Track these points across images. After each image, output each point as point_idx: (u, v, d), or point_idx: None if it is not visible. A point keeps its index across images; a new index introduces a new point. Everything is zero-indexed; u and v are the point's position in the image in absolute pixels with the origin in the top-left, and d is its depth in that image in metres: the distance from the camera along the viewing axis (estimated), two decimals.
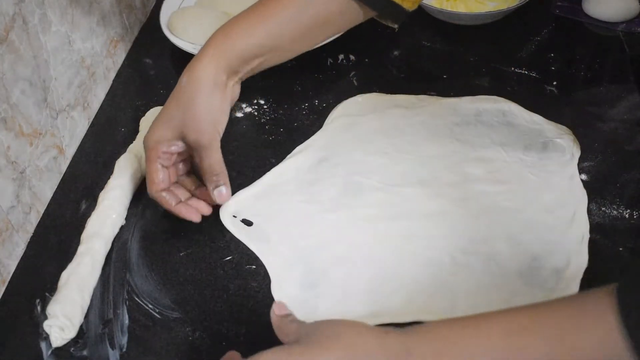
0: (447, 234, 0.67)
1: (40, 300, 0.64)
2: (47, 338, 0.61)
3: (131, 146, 0.77)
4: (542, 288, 0.62)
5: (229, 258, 0.68)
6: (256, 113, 0.83)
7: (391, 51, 0.90)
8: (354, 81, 0.86)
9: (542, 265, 0.64)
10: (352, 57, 0.88)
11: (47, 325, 0.61)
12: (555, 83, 0.84)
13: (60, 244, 0.69)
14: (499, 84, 0.84)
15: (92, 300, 0.64)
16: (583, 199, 0.69)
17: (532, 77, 0.85)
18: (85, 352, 0.61)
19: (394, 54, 0.90)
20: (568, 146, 0.75)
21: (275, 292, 0.64)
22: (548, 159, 0.74)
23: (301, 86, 0.84)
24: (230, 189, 0.69)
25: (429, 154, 0.75)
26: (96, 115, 0.84)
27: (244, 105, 0.83)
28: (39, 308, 0.64)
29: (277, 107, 0.83)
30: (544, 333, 0.47)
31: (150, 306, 0.64)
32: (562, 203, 0.69)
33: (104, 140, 0.81)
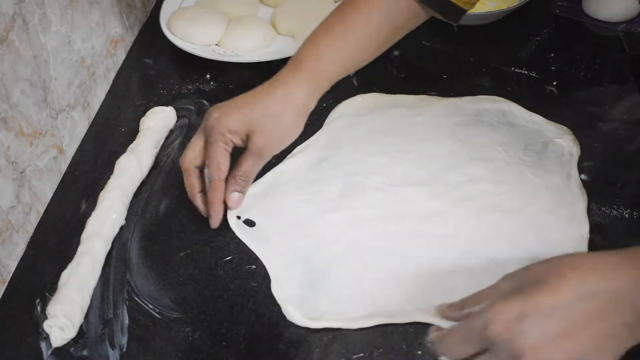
0: (447, 233, 0.67)
1: (40, 300, 0.64)
2: (47, 338, 0.61)
3: (131, 146, 0.77)
4: None
5: (229, 258, 0.68)
6: None
7: (391, 51, 0.90)
8: (354, 81, 0.86)
9: None
10: None
11: (47, 325, 0.60)
12: (555, 83, 0.84)
13: (60, 244, 0.69)
14: (499, 84, 0.84)
15: (92, 300, 0.64)
16: (583, 199, 0.69)
17: (532, 77, 0.86)
18: (85, 352, 0.60)
19: (394, 54, 0.90)
20: (568, 146, 0.75)
21: (275, 292, 0.64)
22: (548, 159, 0.74)
23: None
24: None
25: (429, 154, 0.75)
26: (96, 115, 0.84)
27: None
28: (39, 308, 0.64)
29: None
30: None
31: (150, 306, 0.64)
32: (562, 203, 0.69)
33: (104, 140, 0.81)
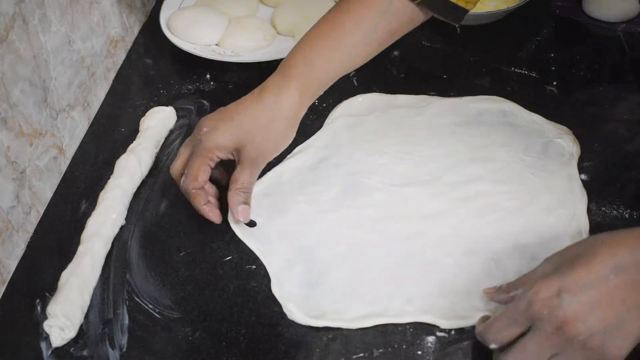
0: (447, 234, 0.67)
1: (40, 300, 0.64)
2: (47, 338, 0.61)
3: (131, 146, 0.77)
4: None
5: (229, 258, 0.67)
6: None
7: (391, 51, 0.90)
8: (354, 81, 0.86)
9: None
10: None
11: (47, 325, 0.60)
12: (555, 83, 0.84)
13: (60, 244, 0.69)
14: (499, 84, 0.84)
15: (92, 300, 0.64)
16: (583, 199, 0.69)
17: (532, 77, 0.85)
18: (85, 352, 0.60)
19: (394, 54, 0.90)
20: (568, 146, 0.75)
21: (275, 291, 0.64)
22: (548, 159, 0.74)
23: None
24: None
25: (429, 154, 0.75)
26: (96, 115, 0.84)
27: None
28: (39, 308, 0.64)
29: None
30: None
31: (150, 306, 0.64)
32: (562, 203, 0.69)
33: (104, 140, 0.81)
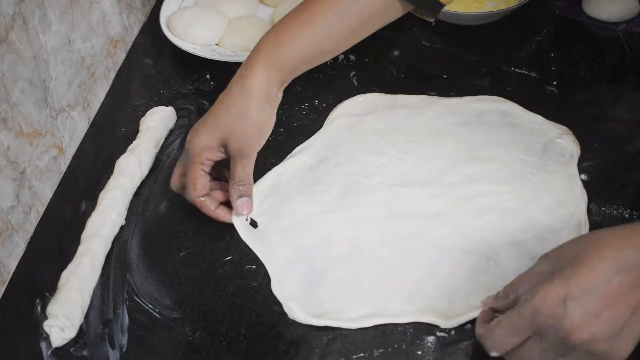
0: (447, 234, 0.67)
1: (40, 300, 0.64)
2: (47, 338, 0.61)
3: (131, 146, 0.77)
4: None
5: (229, 258, 0.68)
6: None
7: (391, 51, 0.90)
8: (354, 81, 0.86)
9: None
10: (352, 57, 0.88)
11: (47, 325, 0.61)
12: (555, 83, 0.84)
13: (60, 244, 0.69)
14: (499, 84, 0.84)
15: (92, 300, 0.64)
16: (583, 199, 0.69)
17: (532, 77, 0.85)
18: (85, 352, 0.60)
19: (394, 54, 0.90)
20: (568, 146, 0.75)
21: (275, 290, 0.64)
22: (548, 159, 0.74)
23: (301, 86, 0.84)
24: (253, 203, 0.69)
25: (430, 154, 0.75)
26: (96, 115, 0.84)
27: None
28: (39, 308, 0.64)
29: (277, 107, 0.83)
30: None
31: (150, 306, 0.64)
32: (562, 203, 0.69)
33: (104, 140, 0.81)
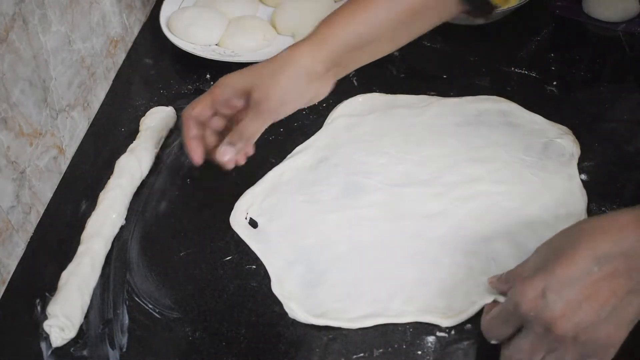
0: (447, 234, 0.67)
1: (40, 300, 0.64)
2: (47, 338, 0.61)
3: (131, 146, 0.77)
4: None
5: (229, 258, 0.68)
6: None
7: None
8: (354, 81, 0.86)
9: None
10: None
11: (47, 325, 0.61)
12: (555, 83, 0.84)
13: (60, 244, 0.69)
14: (499, 84, 0.84)
15: (92, 300, 0.64)
16: (583, 199, 0.69)
17: (532, 77, 0.85)
18: (85, 352, 0.60)
19: (394, 54, 0.90)
20: (568, 146, 0.75)
21: (276, 290, 0.64)
22: (548, 159, 0.74)
23: None
24: (234, 159, 0.67)
25: (430, 154, 0.75)
26: (96, 115, 0.84)
27: None
28: (39, 308, 0.64)
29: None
30: None
31: (150, 306, 0.64)
32: (562, 203, 0.69)
33: (104, 140, 0.81)
